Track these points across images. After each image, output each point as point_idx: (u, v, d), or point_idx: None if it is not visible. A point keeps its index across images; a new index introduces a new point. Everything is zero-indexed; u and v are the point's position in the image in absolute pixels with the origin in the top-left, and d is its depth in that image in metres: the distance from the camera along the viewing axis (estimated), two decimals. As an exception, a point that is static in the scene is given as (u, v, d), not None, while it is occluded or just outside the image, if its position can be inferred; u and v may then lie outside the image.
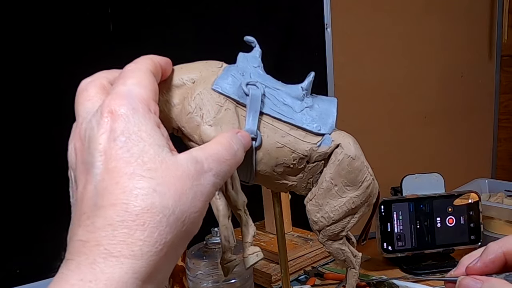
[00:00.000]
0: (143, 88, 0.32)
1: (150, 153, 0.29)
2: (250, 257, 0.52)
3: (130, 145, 0.29)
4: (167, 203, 0.28)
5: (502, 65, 2.36)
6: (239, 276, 0.78)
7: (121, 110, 0.30)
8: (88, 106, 0.32)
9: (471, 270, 0.40)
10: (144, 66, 0.34)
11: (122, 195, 0.27)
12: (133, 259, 0.27)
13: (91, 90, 0.33)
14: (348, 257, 0.56)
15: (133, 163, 0.28)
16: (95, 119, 0.30)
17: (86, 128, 0.30)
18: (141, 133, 0.29)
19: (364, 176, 0.50)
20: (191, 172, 0.30)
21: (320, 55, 1.73)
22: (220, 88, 0.45)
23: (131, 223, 0.27)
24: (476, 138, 2.38)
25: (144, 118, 0.30)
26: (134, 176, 0.28)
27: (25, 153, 1.04)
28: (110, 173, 0.28)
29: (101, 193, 0.28)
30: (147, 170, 0.28)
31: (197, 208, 0.30)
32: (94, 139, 0.29)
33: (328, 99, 0.50)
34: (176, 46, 1.21)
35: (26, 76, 1.03)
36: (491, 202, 1.86)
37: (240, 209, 0.51)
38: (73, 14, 1.07)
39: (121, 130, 0.29)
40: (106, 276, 0.26)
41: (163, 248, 0.28)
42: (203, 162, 0.31)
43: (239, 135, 0.36)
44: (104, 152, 0.29)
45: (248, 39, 0.49)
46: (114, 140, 0.29)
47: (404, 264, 0.96)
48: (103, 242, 0.27)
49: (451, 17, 2.15)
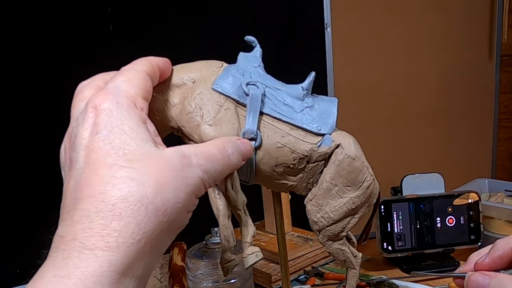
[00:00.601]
0: (132, 85, 0.32)
1: (131, 145, 0.29)
2: (249, 257, 0.52)
3: (112, 138, 0.29)
4: (146, 192, 0.27)
5: (502, 65, 2.36)
6: (239, 276, 0.78)
7: (104, 105, 0.30)
8: (81, 106, 0.32)
9: (479, 266, 0.40)
10: (140, 67, 0.35)
11: (99, 186, 0.27)
12: (109, 251, 0.26)
13: (86, 92, 0.33)
14: (348, 258, 0.56)
15: (113, 154, 0.28)
16: (81, 116, 0.30)
17: (74, 126, 0.31)
18: (124, 126, 0.29)
19: (364, 176, 0.50)
20: (175, 163, 0.29)
21: (320, 55, 1.73)
22: (220, 88, 0.45)
23: (107, 214, 0.26)
24: (476, 138, 2.38)
25: (128, 113, 0.30)
26: (113, 166, 0.28)
27: (25, 153, 1.04)
28: (90, 165, 0.28)
29: (81, 186, 0.28)
30: (127, 160, 0.28)
31: (180, 199, 0.29)
32: (79, 135, 0.29)
33: (328, 99, 0.50)
34: (176, 46, 1.21)
35: (26, 76, 1.03)
36: (491, 202, 1.86)
37: (240, 209, 0.51)
38: (73, 14, 1.07)
39: (103, 124, 0.29)
40: (80, 270, 0.25)
41: (141, 239, 0.27)
42: (191, 156, 0.31)
43: (239, 142, 0.36)
44: (87, 147, 0.29)
45: (248, 39, 0.49)
46: (96, 134, 0.29)
47: (404, 264, 0.96)
48: (79, 235, 0.26)
49: (451, 17, 2.15)
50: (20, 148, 1.03)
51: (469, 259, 0.42)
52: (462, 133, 2.30)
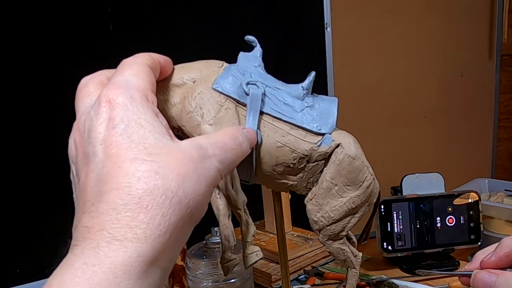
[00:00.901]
0: (140, 79, 0.32)
1: (150, 139, 0.29)
2: (249, 256, 0.52)
3: (130, 132, 0.29)
4: (170, 185, 0.28)
5: (502, 65, 2.36)
6: (239, 275, 0.78)
7: (119, 99, 0.30)
8: (87, 101, 0.32)
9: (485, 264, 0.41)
10: (142, 60, 0.35)
11: (125, 179, 0.27)
12: (137, 242, 0.26)
13: (90, 87, 0.33)
14: (348, 257, 0.56)
15: (134, 148, 0.28)
16: (93, 110, 0.30)
17: (85, 120, 0.30)
18: (140, 120, 0.30)
19: (364, 175, 0.50)
20: (194, 156, 0.30)
21: (320, 55, 1.74)
22: (220, 87, 0.45)
23: (134, 206, 0.27)
24: (476, 138, 2.38)
25: (142, 107, 0.30)
26: (136, 160, 0.28)
27: (26, 154, 1.04)
28: (111, 159, 0.28)
29: (104, 179, 0.28)
30: (149, 154, 0.28)
31: (201, 191, 0.30)
32: (94, 129, 0.29)
33: (329, 98, 0.50)
34: (176, 46, 1.21)
35: (27, 76, 1.03)
36: (491, 202, 1.86)
37: (240, 208, 0.51)
38: (73, 14, 1.07)
39: (120, 117, 0.29)
40: (109, 260, 0.26)
41: (167, 231, 0.28)
42: (207, 147, 0.31)
43: (245, 130, 0.38)
44: (104, 141, 0.29)
45: (249, 39, 0.49)
46: (113, 128, 0.29)
47: (404, 264, 0.96)
48: (107, 226, 0.27)
49: (451, 17, 2.15)
50: (21, 148, 1.03)
51: (475, 257, 0.42)
52: (462, 133, 2.30)
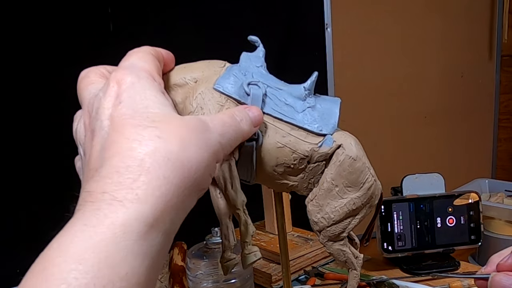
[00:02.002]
0: (146, 62, 0.34)
1: (154, 109, 0.30)
2: (248, 256, 0.52)
3: (134, 105, 0.30)
4: (172, 147, 0.28)
5: (502, 65, 2.37)
6: (239, 276, 0.78)
7: (127, 78, 0.31)
8: (92, 88, 0.33)
9: (502, 266, 0.41)
10: (146, 49, 0.36)
11: (126, 143, 0.28)
12: (138, 203, 0.27)
13: (92, 76, 0.35)
14: (349, 258, 0.55)
15: (137, 117, 0.29)
16: (102, 92, 0.31)
17: (93, 101, 0.32)
18: (146, 94, 0.31)
19: (365, 177, 0.50)
20: (197, 125, 0.31)
21: (320, 55, 1.73)
22: (221, 87, 0.45)
23: (135, 168, 0.27)
24: (476, 138, 2.38)
25: (149, 84, 0.32)
26: (139, 126, 0.29)
27: (26, 153, 1.03)
28: (116, 129, 0.29)
29: (108, 147, 0.29)
30: (152, 121, 0.29)
31: (204, 158, 0.30)
32: (101, 106, 0.30)
33: (331, 99, 0.50)
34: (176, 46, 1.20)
35: (27, 76, 1.03)
36: (491, 202, 1.86)
37: (239, 208, 0.51)
38: (73, 14, 1.07)
39: (126, 93, 0.30)
40: (109, 220, 0.26)
41: (168, 192, 0.28)
42: (207, 121, 0.32)
43: (247, 109, 0.38)
44: (111, 115, 0.30)
45: (252, 39, 0.49)
46: (120, 103, 0.30)
47: (404, 264, 0.96)
48: (108, 189, 0.27)
49: (451, 17, 2.15)
50: (21, 148, 1.03)
51: (490, 260, 0.42)
52: (462, 133, 2.30)
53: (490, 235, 1.78)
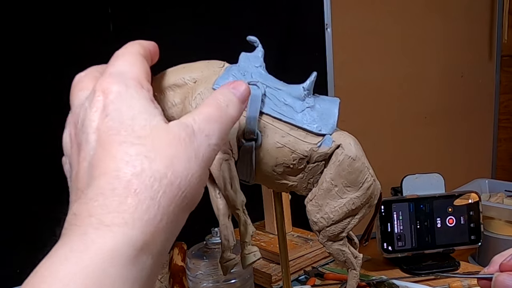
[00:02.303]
0: (134, 67, 0.32)
1: (140, 121, 0.29)
2: (247, 256, 0.52)
3: (121, 116, 0.29)
4: (158, 167, 0.27)
5: (502, 65, 2.37)
6: (239, 276, 0.78)
7: (114, 87, 0.30)
8: (81, 95, 0.32)
9: (505, 266, 0.41)
10: (134, 50, 0.35)
11: (113, 163, 0.27)
12: (125, 227, 0.26)
13: (85, 82, 0.33)
14: (348, 258, 0.56)
15: (123, 132, 0.28)
16: (88, 101, 0.30)
17: (80, 111, 0.30)
18: (133, 104, 0.29)
19: (364, 177, 0.50)
20: (182, 136, 0.30)
21: (320, 55, 1.74)
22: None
23: (122, 191, 0.26)
24: (476, 138, 2.38)
25: (137, 93, 0.30)
26: (125, 143, 0.28)
27: (26, 153, 1.03)
28: (102, 145, 0.28)
29: (95, 165, 0.28)
30: (137, 137, 0.28)
31: (193, 170, 0.29)
32: (87, 118, 0.29)
33: (330, 99, 0.50)
34: (176, 46, 1.20)
35: (27, 76, 1.03)
36: (491, 202, 1.86)
37: (239, 208, 0.51)
38: (73, 14, 1.07)
39: (113, 105, 0.29)
40: (97, 246, 0.25)
41: (157, 215, 0.27)
42: (192, 125, 0.31)
43: (231, 89, 0.35)
44: (97, 129, 0.29)
45: (250, 39, 0.49)
46: (106, 116, 0.29)
47: (404, 264, 0.96)
48: (94, 212, 0.26)
49: (451, 17, 2.16)
50: (21, 148, 1.03)
51: (493, 261, 0.42)
52: (462, 133, 2.30)
53: (490, 235, 1.78)
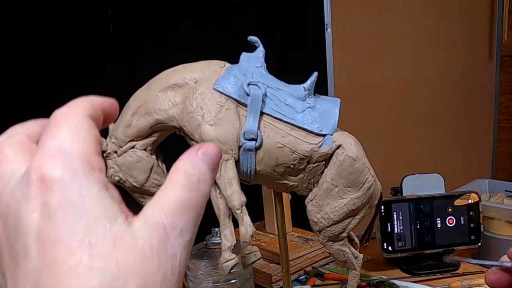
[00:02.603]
0: (80, 139, 0.24)
1: (98, 231, 0.22)
2: (247, 256, 0.52)
3: (70, 222, 0.22)
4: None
5: (502, 66, 2.36)
6: (239, 276, 0.78)
7: (55, 173, 0.22)
8: (7, 170, 0.24)
9: None
10: (80, 110, 0.26)
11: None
12: None
13: (7, 150, 0.25)
14: (348, 258, 0.56)
15: (77, 249, 0.21)
16: (19, 190, 0.23)
17: (9, 201, 0.23)
18: (85, 202, 0.23)
19: (365, 177, 0.50)
20: (153, 243, 0.23)
21: (320, 55, 1.73)
22: (221, 88, 0.46)
23: None
24: (476, 138, 2.38)
25: (87, 181, 0.23)
26: (80, 266, 0.21)
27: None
28: (49, 266, 0.22)
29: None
30: (97, 255, 0.22)
31: (168, 276, 0.23)
32: (23, 219, 0.22)
33: (331, 99, 0.50)
34: (176, 46, 1.20)
35: (27, 76, 1.03)
36: (491, 203, 1.86)
37: (239, 208, 0.51)
38: (73, 14, 1.07)
39: (57, 202, 0.22)
40: None
41: None
42: (163, 222, 0.24)
43: (200, 154, 0.27)
44: (38, 237, 0.22)
45: (252, 39, 0.49)
46: (49, 219, 0.22)
47: (404, 264, 0.96)
48: None
49: (451, 17, 2.16)
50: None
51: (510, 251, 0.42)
52: (462, 133, 2.30)
53: (490, 235, 1.78)
